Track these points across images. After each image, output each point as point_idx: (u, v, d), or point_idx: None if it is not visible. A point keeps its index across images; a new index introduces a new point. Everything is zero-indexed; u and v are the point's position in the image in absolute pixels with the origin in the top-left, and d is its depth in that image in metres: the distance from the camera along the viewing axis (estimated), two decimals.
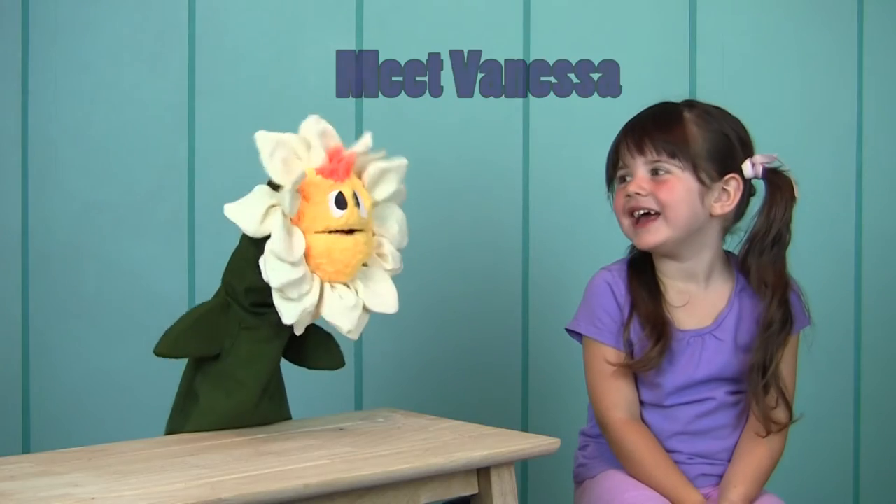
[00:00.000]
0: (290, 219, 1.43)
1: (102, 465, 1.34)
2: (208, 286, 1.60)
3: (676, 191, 1.62)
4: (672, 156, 1.61)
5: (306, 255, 1.43)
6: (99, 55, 1.97)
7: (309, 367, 1.61)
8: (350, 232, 1.45)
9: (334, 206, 1.44)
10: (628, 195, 1.64)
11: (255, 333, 1.51)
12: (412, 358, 2.11)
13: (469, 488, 1.45)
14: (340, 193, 1.44)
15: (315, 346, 1.59)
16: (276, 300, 1.43)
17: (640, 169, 1.63)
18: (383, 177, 1.50)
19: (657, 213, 1.63)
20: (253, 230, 1.42)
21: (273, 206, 1.43)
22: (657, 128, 1.63)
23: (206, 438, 1.48)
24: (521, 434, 1.54)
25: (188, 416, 1.53)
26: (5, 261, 1.95)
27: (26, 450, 1.95)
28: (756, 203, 1.68)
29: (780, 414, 1.64)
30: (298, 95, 2.02)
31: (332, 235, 1.44)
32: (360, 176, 1.49)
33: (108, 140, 1.98)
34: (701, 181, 1.62)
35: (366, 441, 1.47)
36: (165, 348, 1.50)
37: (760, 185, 1.68)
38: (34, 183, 1.95)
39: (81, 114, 1.97)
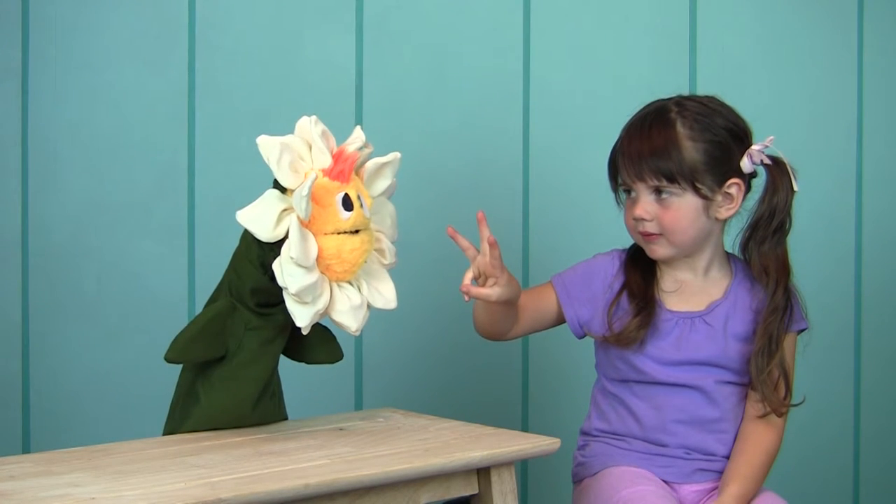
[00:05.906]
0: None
1: (102, 465, 1.34)
2: (208, 286, 1.60)
3: (680, 214, 1.63)
4: (672, 181, 1.62)
5: (317, 258, 1.44)
6: (99, 55, 1.97)
7: (308, 363, 1.61)
8: (356, 232, 1.46)
9: (342, 209, 1.45)
10: (635, 218, 1.65)
11: (260, 334, 1.51)
12: (412, 358, 2.11)
13: (469, 488, 1.45)
14: (346, 195, 1.46)
15: (313, 341, 1.59)
16: (290, 304, 1.44)
17: (643, 194, 1.64)
18: (379, 172, 1.52)
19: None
20: (267, 235, 1.43)
21: (284, 210, 1.43)
22: (653, 153, 1.62)
23: (206, 438, 1.48)
24: (521, 434, 1.54)
25: (188, 415, 1.53)
26: (5, 261, 1.95)
27: (26, 450, 1.95)
28: (757, 186, 1.68)
29: (781, 396, 1.65)
30: (298, 95, 2.02)
31: (342, 236, 1.45)
32: (356, 173, 1.50)
33: (108, 140, 1.98)
34: (703, 196, 1.63)
35: (366, 441, 1.47)
36: (175, 354, 1.51)
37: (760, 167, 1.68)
38: (34, 183, 1.95)
39: (81, 114, 1.97)
